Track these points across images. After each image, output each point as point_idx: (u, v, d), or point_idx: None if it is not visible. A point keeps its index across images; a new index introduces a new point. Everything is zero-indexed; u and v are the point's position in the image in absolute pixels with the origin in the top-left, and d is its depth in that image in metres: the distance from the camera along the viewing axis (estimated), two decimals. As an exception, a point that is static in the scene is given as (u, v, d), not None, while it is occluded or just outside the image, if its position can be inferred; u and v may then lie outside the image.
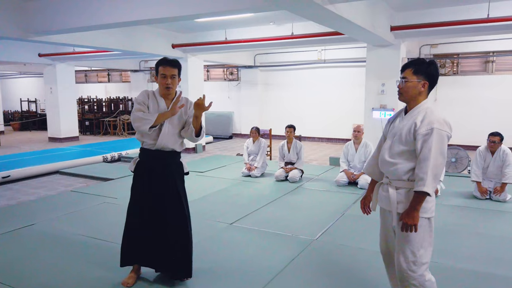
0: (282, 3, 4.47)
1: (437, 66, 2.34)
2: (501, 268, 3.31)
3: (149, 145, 2.94)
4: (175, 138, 2.97)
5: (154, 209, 2.94)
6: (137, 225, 2.97)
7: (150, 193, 2.94)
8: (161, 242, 2.95)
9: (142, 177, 2.97)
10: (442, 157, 2.17)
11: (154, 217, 2.95)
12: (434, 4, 6.80)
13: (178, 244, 2.96)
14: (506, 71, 10.07)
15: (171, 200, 2.95)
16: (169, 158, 2.98)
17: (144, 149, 2.99)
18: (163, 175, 2.95)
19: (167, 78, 2.86)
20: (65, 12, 6.19)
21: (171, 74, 2.87)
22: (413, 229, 2.19)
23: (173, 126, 2.95)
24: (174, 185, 2.97)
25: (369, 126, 7.65)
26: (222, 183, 6.44)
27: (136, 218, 2.98)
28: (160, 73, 2.88)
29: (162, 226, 2.94)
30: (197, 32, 9.60)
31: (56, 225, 4.45)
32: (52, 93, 12.33)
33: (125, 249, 3.03)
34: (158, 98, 2.95)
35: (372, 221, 3.47)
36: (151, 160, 2.96)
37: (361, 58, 10.26)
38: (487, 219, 4.61)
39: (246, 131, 12.76)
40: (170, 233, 2.94)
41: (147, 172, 2.95)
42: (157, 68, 2.90)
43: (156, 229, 2.95)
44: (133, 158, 3.08)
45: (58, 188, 6.46)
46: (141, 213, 2.96)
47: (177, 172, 3.03)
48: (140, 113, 2.83)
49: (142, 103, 2.89)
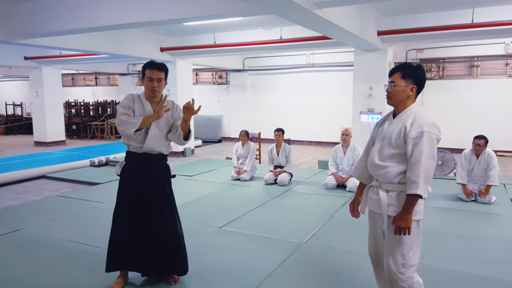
0: (270, 7, 4.49)
1: (424, 70, 2.37)
2: (487, 269, 3.36)
3: (135, 148, 2.92)
4: (162, 141, 2.96)
5: (141, 212, 2.92)
6: (124, 229, 2.93)
7: (137, 196, 2.91)
8: (150, 245, 2.92)
9: (129, 180, 2.94)
10: (433, 160, 2.21)
11: (142, 220, 2.92)
12: (420, 9, 6.91)
13: (167, 246, 2.94)
14: (490, 76, 10.28)
15: (159, 203, 2.94)
16: (156, 161, 2.97)
17: (130, 152, 2.96)
18: (150, 178, 2.93)
19: (154, 81, 2.85)
20: (51, 15, 6.12)
21: (157, 77, 2.86)
22: (406, 232, 2.21)
23: (160, 129, 2.94)
24: (162, 188, 2.96)
25: (357, 130, 7.72)
26: (211, 187, 6.42)
27: (123, 222, 2.95)
28: (147, 76, 2.86)
29: (150, 229, 2.92)
30: (186, 35, 9.58)
31: (42, 230, 4.38)
32: (38, 97, 12.17)
33: (112, 254, 2.99)
34: (144, 101, 2.93)
35: (360, 224, 3.50)
36: (138, 163, 2.94)
37: (349, 62, 10.36)
38: (472, 221, 4.68)
39: (235, 135, 12.76)
40: (159, 235, 2.92)
41: (133, 176, 2.93)
42: (144, 71, 2.88)
43: (144, 232, 2.92)
44: (119, 162, 3.05)
45: (44, 193, 6.36)
46: (128, 216, 2.93)
47: (164, 174, 3.02)
48: (124, 116, 2.81)
49: (127, 107, 2.87)
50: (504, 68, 10.14)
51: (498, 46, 9.74)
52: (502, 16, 6.41)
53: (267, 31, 8.59)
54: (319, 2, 4.51)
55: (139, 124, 2.78)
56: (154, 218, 2.93)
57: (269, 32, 8.55)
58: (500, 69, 10.20)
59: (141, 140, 2.89)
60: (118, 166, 3.03)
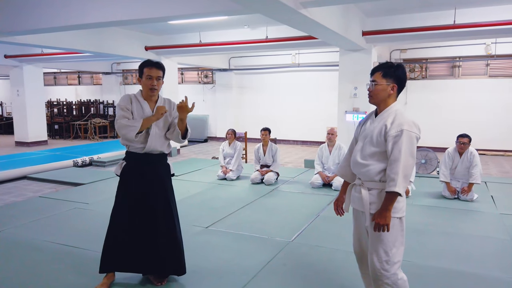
0: (255, 6, 4.49)
1: (405, 69, 2.41)
2: (469, 265, 3.43)
3: (137, 148, 2.89)
4: (163, 140, 2.97)
5: (143, 212, 2.90)
6: (124, 229, 2.89)
7: (140, 197, 2.89)
8: (150, 244, 2.90)
9: (131, 181, 2.91)
10: (412, 158, 2.24)
11: (143, 221, 2.89)
12: (403, 10, 7.01)
13: (167, 245, 2.94)
14: (471, 76, 10.50)
15: (161, 203, 2.95)
16: (158, 161, 2.98)
17: (131, 152, 2.93)
18: (153, 179, 2.93)
19: (153, 80, 2.85)
20: (33, 12, 5.99)
21: (156, 75, 2.87)
22: (385, 228, 2.23)
23: (160, 128, 2.94)
24: (164, 188, 2.97)
25: (343, 129, 7.78)
26: (197, 187, 6.38)
27: (122, 222, 2.90)
28: (146, 75, 2.85)
29: (151, 229, 2.90)
30: (171, 34, 9.51)
31: (23, 232, 4.28)
32: (19, 96, 11.90)
33: (108, 254, 2.94)
34: (142, 101, 2.91)
35: (345, 222, 3.52)
36: (140, 164, 2.92)
37: (334, 62, 10.45)
38: (455, 218, 4.76)
39: (222, 134, 12.74)
40: (160, 235, 2.92)
41: (136, 176, 2.90)
42: (142, 69, 2.87)
43: (145, 233, 2.89)
44: (119, 162, 3.01)
45: (26, 194, 6.23)
46: (129, 217, 2.89)
47: (166, 174, 3.03)
48: (124, 120, 2.80)
49: (126, 109, 2.85)
50: (485, 68, 10.37)
51: (479, 47, 9.95)
52: (483, 18, 6.56)
53: (253, 31, 8.59)
54: (305, 1, 4.53)
55: (140, 127, 2.78)
56: (155, 219, 2.91)
57: (255, 31, 8.55)
58: (481, 70, 10.43)
59: (143, 140, 2.87)
60: (118, 167, 2.98)
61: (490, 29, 6.55)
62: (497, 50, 9.64)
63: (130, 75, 15.46)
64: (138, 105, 2.90)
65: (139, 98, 2.93)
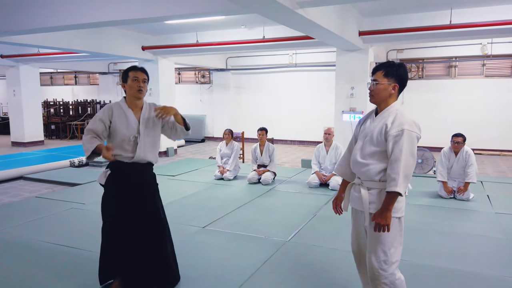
0: (253, 6, 4.49)
1: (406, 69, 2.39)
2: (465, 264, 3.44)
3: (124, 158, 2.80)
4: (152, 149, 2.90)
5: (132, 224, 2.83)
6: (115, 242, 2.84)
7: (127, 208, 2.82)
8: (141, 255, 2.85)
9: (117, 191, 2.82)
10: (412, 158, 2.23)
11: (133, 233, 2.84)
12: (400, 10, 7.03)
13: (158, 256, 2.90)
14: (467, 76, 10.55)
15: (150, 214, 2.89)
16: (145, 171, 2.90)
17: (118, 161, 2.80)
18: (141, 189, 2.86)
19: (139, 81, 2.81)
20: (28, 11, 5.97)
21: (142, 78, 2.83)
22: (385, 229, 2.23)
23: (150, 136, 2.87)
24: (153, 198, 2.92)
25: (339, 129, 7.79)
26: (194, 187, 6.38)
27: (113, 235, 2.84)
28: (132, 77, 2.81)
29: (141, 240, 2.85)
30: (168, 34, 9.49)
31: (20, 232, 4.26)
32: (15, 96, 11.85)
33: (104, 265, 2.91)
34: (125, 109, 2.83)
35: (343, 221, 3.54)
36: (127, 174, 2.83)
37: (331, 62, 10.46)
38: (451, 218, 4.78)
39: (219, 134, 12.72)
40: (151, 246, 2.87)
41: (122, 187, 2.82)
42: (127, 73, 2.83)
43: (135, 244, 2.85)
44: (103, 171, 2.89)
45: (22, 194, 6.21)
46: (118, 229, 2.83)
47: (153, 184, 2.98)
48: (88, 136, 2.73)
49: (100, 121, 2.76)
50: (481, 68, 10.42)
51: (475, 47, 9.99)
52: (479, 18, 6.58)
53: (250, 31, 8.58)
54: (302, 1, 4.53)
55: (89, 152, 2.68)
56: (145, 230, 2.86)
57: (252, 31, 8.55)
58: (477, 70, 10.47)
59: (131, 149, 2.80)
60: (102, 176, 2.87)
61: (486, 29, 6.58)
62: (493, 50, 9.68)
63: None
64: (121, 113, 2.82)
65: (123, 106, 2.84)
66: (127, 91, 2.86)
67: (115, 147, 2.77)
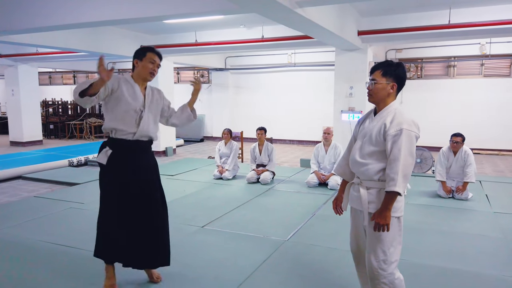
0: (251, 6, 4.49)
1: (404, 68, 2.39)
2: (464, 263, 3.45)
3: (126, 134, 2.77)
4: (154, 125, 2.92)
5: (140, 201, 2.81)
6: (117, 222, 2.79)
7: (134, 185, 2.79)
8: (140, 236, 2.83)
9: (120, 169, 2.77)
10: (411, 157, 2.23)
11: (134, 212, 2.80)
12: (399, 10, 7.04)
13: (163, 235, 2.93)
14: (466, 75, 10.56)
15: (158, 191, 2.92)
16: (147, 148, 2.92)
17: (118, 139, 2.77)
18: (147, 166, 2.87)
19: (155, 65, 2.86)
20: (27, 11, 5.96)
21: (158, 63, 2.88)
22: (385, 228, 2.23)
23: (152, 113, 2.91)
24: (158, 175, 2.96)
25: (338, 128, 7.80)
26: (193, 186, 6.37)
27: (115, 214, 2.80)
28: (150, 59, 2.82)
29: (142, 220, 2.83)
30: (167, 33, 9.48)
31: (18, 232, 4.25)
32: (14, 96, 11.82)
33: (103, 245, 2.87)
34: (132, 83, 2.84)
35: (342, 221, 3.54)
36: (129, 152, 2.80)
37: (330, 62, 10.47)
38: (450, 217, 4.79)
39: (218, 134, 12.72)
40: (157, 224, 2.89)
41: (126, 164, 2.77)
42: (144, 52, 2.84)
43: (136, 224, 2.82)
44: (103, 150, 2.80)
45: (21, 194, 6.20)
46: (118, 208, 2.78)
47: (155, 161, 3.00)
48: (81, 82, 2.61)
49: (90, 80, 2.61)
50: (479, 68, 10.43)
51: (474, 47, 10.01)
52: (478, 18, 6.60)
53: (249, 30, 8.58)
54: (301, 1, 4.53)
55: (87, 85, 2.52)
56: (152, 208, 2.85)
57: (251, 31, 8.55)
58: (476, 69, 10.49)
59: (133, 124, 2.77)
60: (103, 155, 2.77)
61: (484, 29, 6.59)
62: (491, 50, 9.70)
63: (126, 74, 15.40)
64: (129, 86, 2.81)
65: (130, 80, 2.85)
66: (137, 69, 2.85)
67: (117, 119, 2.75)
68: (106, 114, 2.81)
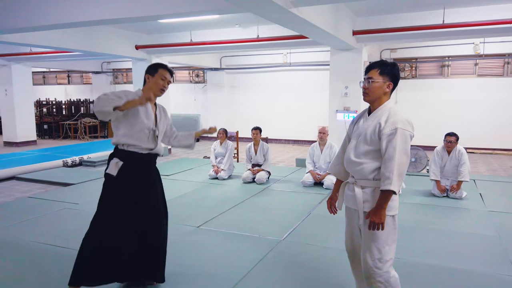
0: (246, 5, 4.49)
1: (399, 68, 2.42)
2: (458, 261, 3.47)
3: (142, 149, 2.80)
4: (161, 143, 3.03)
5: (146, 214, 2.83)
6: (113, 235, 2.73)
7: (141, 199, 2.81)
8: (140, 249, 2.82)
9: (129, 182, 2.77)
10: (406, 156, 2.24)
11: (138, 224, 2.80)
12: (393, 10, 7.07)
13: (159, 249, 2.93)
14: (460, 75, 10.63)
15: (162, 204, 2.99)
16: (155, 162, 3.00)
17: (131, 152, 2.77)
18: (152, 180, 2.93)
19: (166, 82, 2.89)
20: (21, 10, 5.91)
21: (168, 80, 2.91)
22: (380, 227, 2.24)
23: (161, 132, 2.99)
24: (162, 189, 3.03)
25: (334, 128, 7.82)
26: (189, 186, 6.36)
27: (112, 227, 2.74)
28: (162, 75, 2.85)
29: (144, 233, 2.82)
30: (162, 33, 9.46)
31: (12, 232, 4.23)
32: (7, 95, 11.74)
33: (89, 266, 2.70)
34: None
35: (337, 220, 3.54)
36: (141, 164, 2.84)
37: (325, 61, 10.50)
38: (444, 216, 4.82)
39: (213, 134, 12.68)
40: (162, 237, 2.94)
41: (137, 177, 2.81)
42: (157, 68, 2.86)
43: (136, 238, 2.80)
44: (113, 161, 2.78)
45: (14, 194, 6.15)
46: (121, 220, 2.75)
47: (159, 173, 3.06)
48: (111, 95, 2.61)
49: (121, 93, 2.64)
50: (473, 68, 10.50)
51: (468, 47, 10.08)
52: (472, 17, 6.64)
53: (244, 30, 8.58)
54: (296, 0, 4.54)
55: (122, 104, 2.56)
56: (158, 221, 2.91)
57: (246, 30, 8.54)
58: (470, 69, 10.55)
59: (148, 141, 2.82)
60: (113, 167, 2.75)
61: (478, 28, 6.64)
62: (485, 50, 9.77)
63: (120, 74, 15.35)
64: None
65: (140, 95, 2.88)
66: (148, 84, 2.87)
67: (133, 137, 2.76)
68: (118, 128, 2.78)
